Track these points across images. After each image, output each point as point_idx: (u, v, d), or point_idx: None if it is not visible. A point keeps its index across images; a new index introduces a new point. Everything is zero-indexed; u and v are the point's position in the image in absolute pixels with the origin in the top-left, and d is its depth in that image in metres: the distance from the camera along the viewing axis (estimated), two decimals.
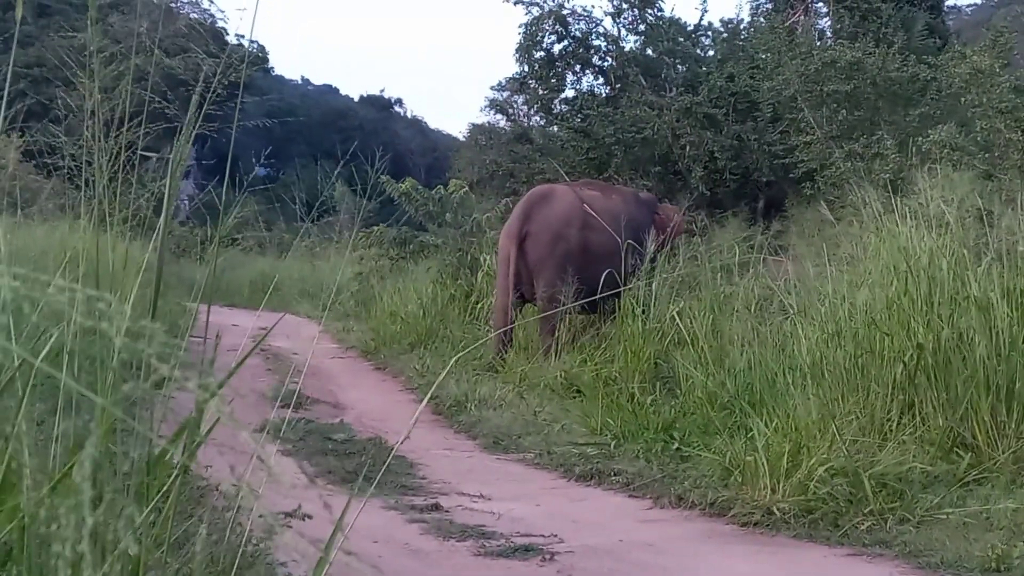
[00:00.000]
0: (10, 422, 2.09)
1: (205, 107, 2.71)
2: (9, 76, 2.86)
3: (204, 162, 36.79)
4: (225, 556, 3.25)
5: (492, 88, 31.39)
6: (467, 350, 10.75)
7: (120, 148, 3.08)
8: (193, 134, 2.66)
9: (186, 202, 26.37)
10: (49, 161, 3.85)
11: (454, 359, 3.74)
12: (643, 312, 11.69)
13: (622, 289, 12.03)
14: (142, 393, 2.42)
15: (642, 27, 26.72)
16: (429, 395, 3.56)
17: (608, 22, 26.93)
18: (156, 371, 1.54)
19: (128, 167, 3.15)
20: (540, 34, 26.42)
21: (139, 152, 3.21)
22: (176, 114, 3.31)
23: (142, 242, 3.63)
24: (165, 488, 2.00)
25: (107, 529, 1.67)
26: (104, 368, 2.42)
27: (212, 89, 2.82)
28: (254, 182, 3.70)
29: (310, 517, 3.92)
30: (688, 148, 22.74)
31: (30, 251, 6.64)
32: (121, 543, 1.62)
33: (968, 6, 51.69)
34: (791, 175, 20.27)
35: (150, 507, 2.09)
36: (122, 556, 1.85)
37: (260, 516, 4.04)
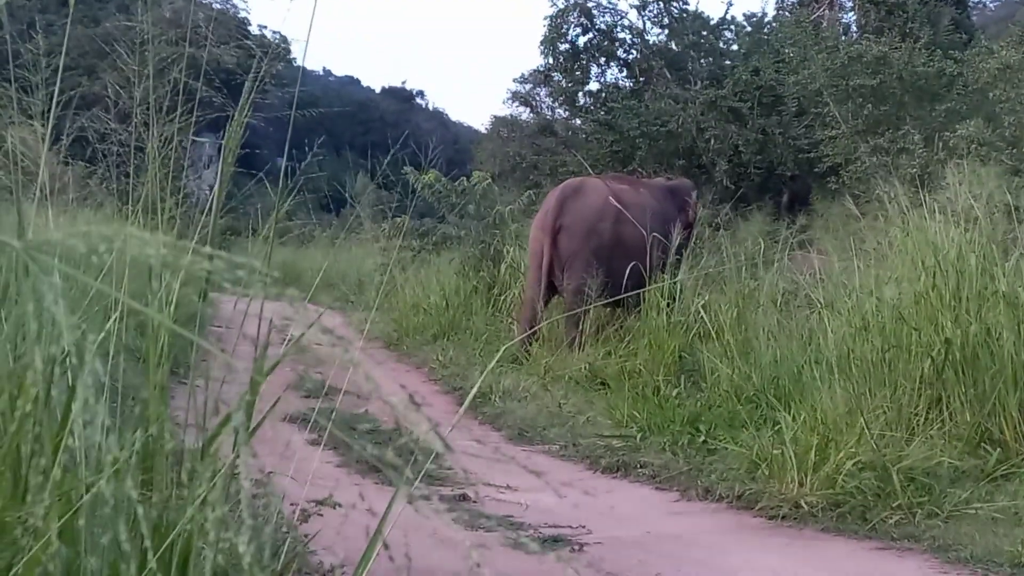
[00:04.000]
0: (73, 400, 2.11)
1: (252, 96, 2.72)
2: (61, 67, 2.88)
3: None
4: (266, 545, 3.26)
5: (515, 80, 31.32)
6: (505, 347, 10.72)
7: (172, 135, 3.09)
8: (244, 121, 2.67)
9: (207, 192, 26.43)
10: (99, 147, 3.87)
11: (497, 354, 3.73)
12: (668, 305, 11.69)
13: (650, 283, 12.03)
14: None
15: (667, 20, 26.73)
16: (470, 395, 3.57)
17: (633, 15, 27.00)
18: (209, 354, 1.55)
19: (176, 155, 3.17)
20: (565, 26, 26.47)
21: (191, 137, 3.23)
22: (221, 102, 3.33)
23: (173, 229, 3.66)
24: (217, 476, 2.01)
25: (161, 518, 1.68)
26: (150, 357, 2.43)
27: (260, 78, 2.83)
28: (274, 172, 3.72)
29: (340, 506, 3.94)
30: (712, 142, 22.75)
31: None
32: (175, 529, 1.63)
33: (993, 2, 51.54)
34: (816, 169, 20.27)
35: (202, 495, 2.10)
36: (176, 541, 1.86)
37: (292, 505, 4.06)
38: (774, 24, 27.86)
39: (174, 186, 3.20)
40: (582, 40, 26.62)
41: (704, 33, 26.52)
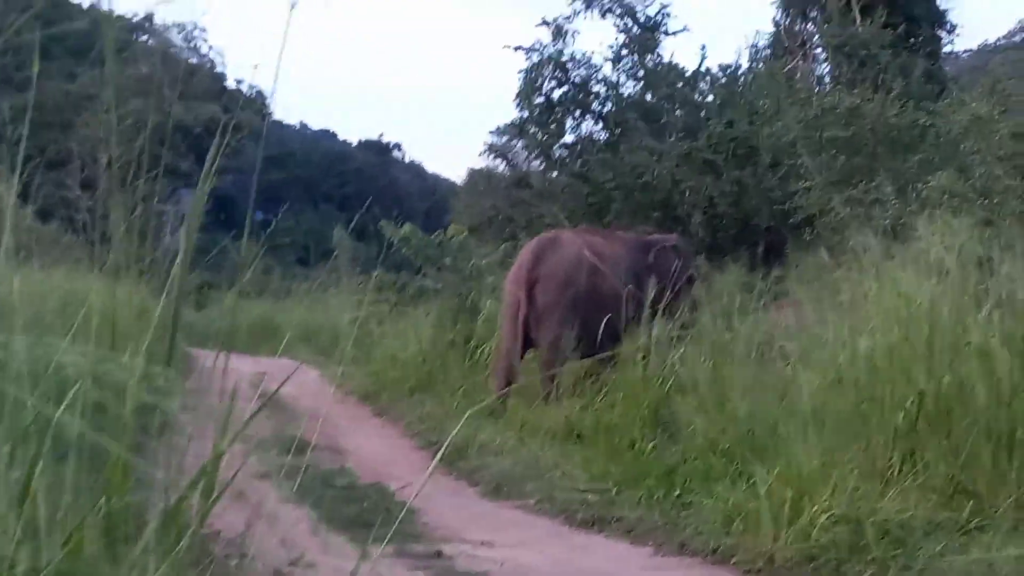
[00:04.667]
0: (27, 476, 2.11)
1: (217, 160, 2.73)
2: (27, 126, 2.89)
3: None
4: None
5: (491, 133, 31.42)
6: (482, 404, 10.69)
7: (137, 202, 3.11)
8: (207, 187, 2.69)
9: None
10: (65, 214, 3.89)
11: (472, 409, 3.74)
12: (643, 358, 11.70)
13: (625, 336, 12.08)
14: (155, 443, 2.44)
15: (641, 73, 26.84)
16: (442, 449, 3.58)
17: (607, 68, 27.05)
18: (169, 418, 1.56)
19: (141, 219, 3.18)
20: (540, 80, 26.52)
21: (155, 204, 3.24)
22: (186, 167, 3.36)
23: (146, 286, 3.66)
24: (185, 540, 2.01)
25: None
26: (118, 419, 2.44)
27: (225, 143, 2.84)
28: (251, 227, 3.73)
29: (314, 566, 3.94)
30: (688, 193, 22.82)
31: (32, 297, 6.66)
32: None
33: (965, 52, 51.86)
34: (791, 221, 20.30)
35: (169, 560, 2.10)
36: None
37: (265, 566, 4.05)
38: (749, 75, 28.02)
39: (140, 253, 3.21)
40: (557, 93, 26.67)
41: (679, 85, 26.61)
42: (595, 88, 27.01)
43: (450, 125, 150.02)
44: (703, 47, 28.48)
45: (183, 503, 2.42)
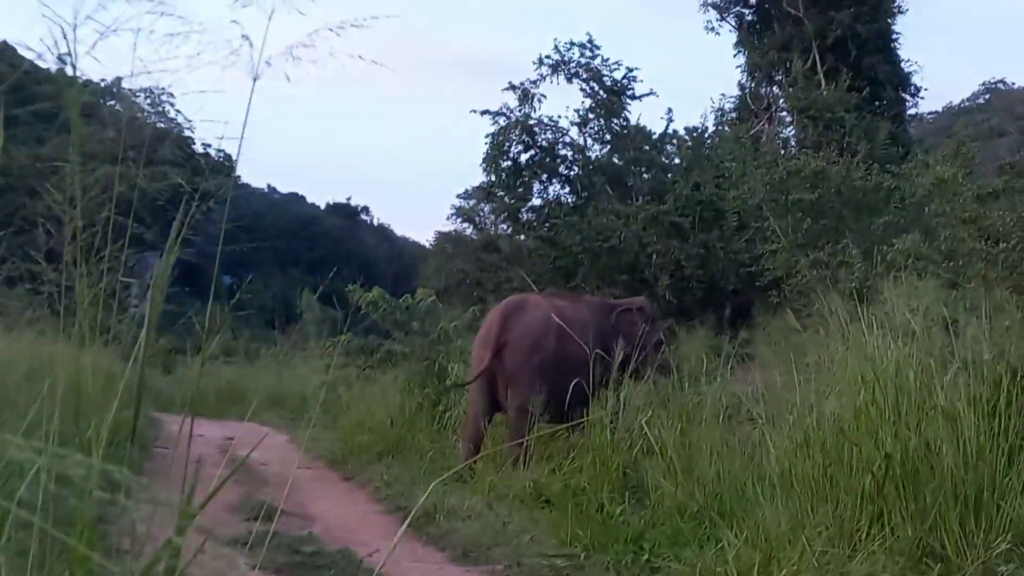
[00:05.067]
0: None
1: (183, 232, 2.74)
2: None
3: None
4: None
5: (459, 196, 31.58)
6: (452, 471, 10.65)
7: (102, 273, 3.11)
8: (172, 257, 2.69)
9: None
10: (30, 287, 3.89)
11: (442, 477, 3.73)
12: (611, 422, 11.69)
13: (593, 399, 12.10)
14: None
15: (608, 136, 27.00)
16: (411, 515, 3.57)
17: (574, 131, 27.23)
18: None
19: (107, 291, 3.18)
20: (507, 144, 26.69)
21: (119, 279, 3.24)
22: (151, 237, 3.35)
23: (114, 352, 3.65)
24: None
25: None
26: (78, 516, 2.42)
27: (190, 214, 2.85)
28: (219, 291, 3.73)
29: None
30: (655, 256, 22.91)
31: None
32: None
33: (930, 113, 52.43)
34: (757, 283, 20.41)
35: None
36: None
37: None
38: (715, 138, 28.21)
39: (105, 323, 3.20)
40: (524, 157, 26.84)
41: (646, 148, 26.77)
42: (562, 152, 27.18)
43: (418, 188, 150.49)
44: (669, 110, 28.67)
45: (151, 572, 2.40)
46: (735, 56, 34.44)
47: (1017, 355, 8.54)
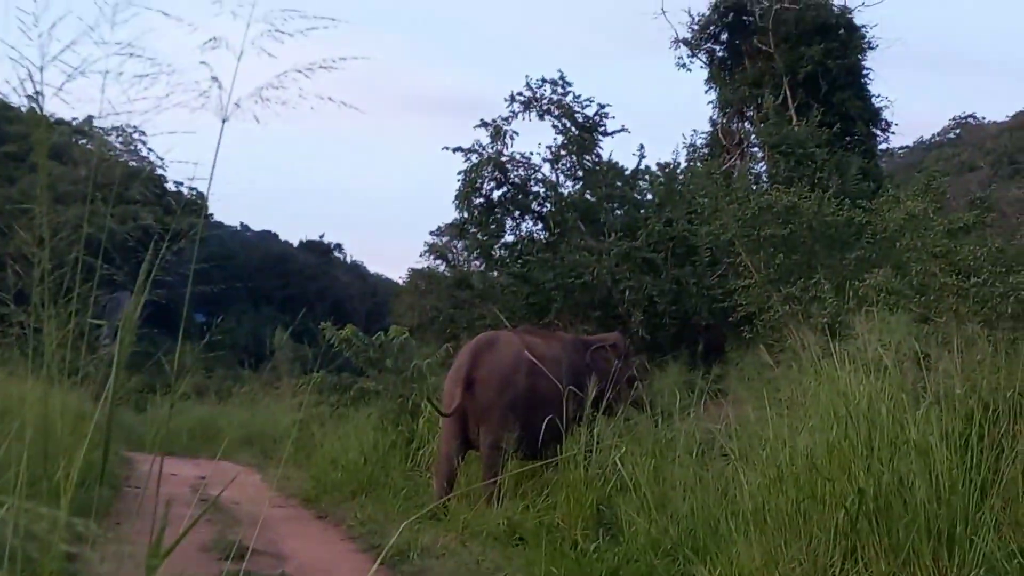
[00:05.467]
0: None
1: (154, 272, 2.73)
2: None
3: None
4: None
5: (431, 233, 31.57)
6: (425, 509, 10.64)
7: (71, 314, 3.10)
8: (143, 299, 2.69)
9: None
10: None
11: (416, 515, 3.72)
12: (585, 458, 11.68)
13: (566, 436, 12.10)
14: None
15: (580, 172, 27.03)
16: (383, 554, 3.56)
17: (547, 168, 27.24)
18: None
19: (76, 332, 3.17)
20: (479, 180, 26.68)
21: (89, 320, 3.23)
22: (121, 277, 3.35)
23: (84, 392, 3.64)
24: None
25: None
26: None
27: (160, 255, 2.85)
28: (191, 330, 3.73)
29: None
30: (628, 292, 22.91)
31: None
32: None
33: (901, 148, 52.77)
34: (730, 319, 20.41)
35: None
36: None
37: None
38: (687, 174, 28.26)
39: (74, 364, 3.20)
40: (496, 194, 26.83)
41: (618, 184, 26.77)
42: (534, 188, 27.18)
43: (391, 225, 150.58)
44: (641, 146, 28.67)
45: None
46: (706, 92, 34.59)
47: (989, 389, 8.59)
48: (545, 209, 27.03)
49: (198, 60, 3.21)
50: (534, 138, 48.80)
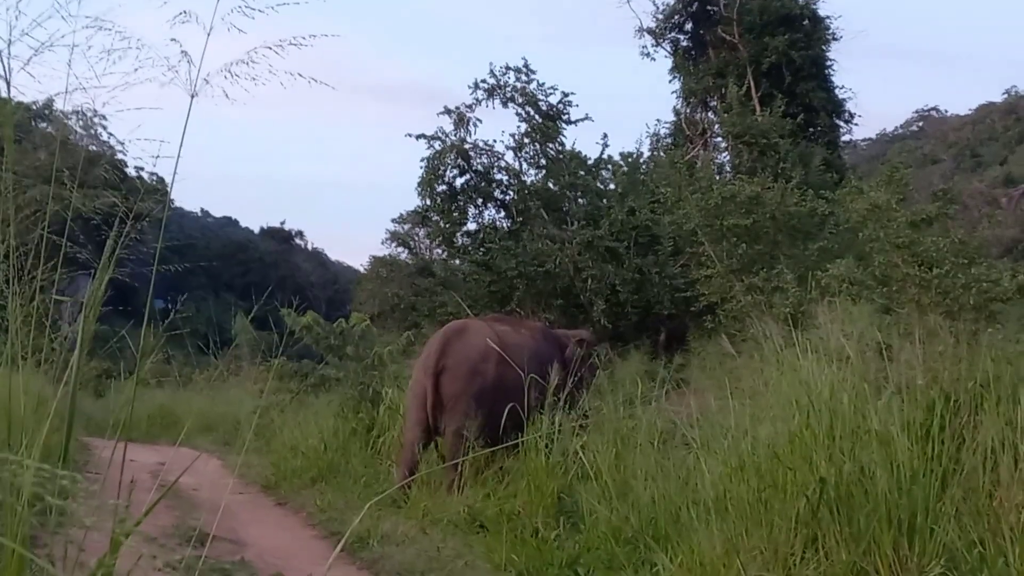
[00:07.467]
0: None
1: (117, 252, 2.70)
2: None
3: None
4: None
5: (393, 221, 31.53)
6: (384, 492, 10.60)
7: (34, 292, 3.07)
8: (106, 279, 2.65)
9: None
10: None
11: (375, 499, 3.70)
12: (547, 446, 11.66)
13: (528, 424, 12.08)
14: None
15: (543, 161, 27.00)
16: (343, 540, 3.54)
17: (510, 156, 27.19)
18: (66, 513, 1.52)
19: (39, 310, 3.13)
20: (442, 168, 26.62)
21: (53, 296, 3.20)
22: (85, 256, 3.31)
23: (44, 376, 3.60)
24: None
25: None
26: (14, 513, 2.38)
27: (124, 234, 2.81)
28: (152, 313, 3.69)
29: None
30: (590, 281, 22.92)
31: None
32: None
33: (864, 140, 53.10)
34: (692, 308, 20.48)
35: None
36: None
37: None
38: (650, 164, 28.30)
39: (37, 344, 3.16)
40: (459, 181, 26.77)
41: (581, 173, 26.74)
42: (497, 176, 27.13)
43: (353, 213, 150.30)
44: (604, 135, 28.65)
45: None
46: (670, 82, 34.74)
47: (950, 380, 8.61)
48: (508, 197, 27.00)
49: (167, 36, 3.17)
50: (497, 126, 48.90)
